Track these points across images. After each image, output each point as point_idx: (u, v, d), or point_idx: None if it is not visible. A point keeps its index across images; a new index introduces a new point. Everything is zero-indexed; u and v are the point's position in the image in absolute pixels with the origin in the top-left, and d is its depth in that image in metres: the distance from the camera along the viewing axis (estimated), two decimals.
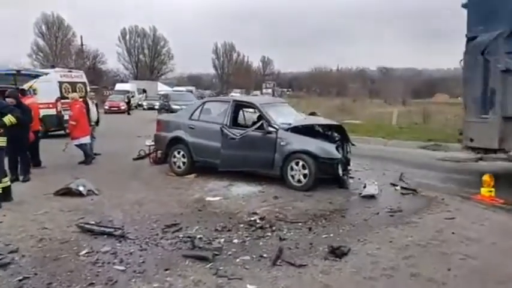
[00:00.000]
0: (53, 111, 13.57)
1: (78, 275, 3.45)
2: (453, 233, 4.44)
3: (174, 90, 44.19)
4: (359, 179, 7.05)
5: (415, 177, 7.30)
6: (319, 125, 7.06)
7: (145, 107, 34.80)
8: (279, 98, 9.90)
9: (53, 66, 16.27)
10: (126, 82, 46.65)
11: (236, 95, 24.13)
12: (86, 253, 3.93)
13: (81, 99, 9.95)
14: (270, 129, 6.50)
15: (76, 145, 8.87)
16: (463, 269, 3.56)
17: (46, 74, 11.06)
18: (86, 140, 8.84)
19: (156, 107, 33.46)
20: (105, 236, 4.36)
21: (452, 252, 3.92)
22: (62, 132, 14.33)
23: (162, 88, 47.95)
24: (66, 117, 13.76)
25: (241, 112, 8.25)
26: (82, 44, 52.44)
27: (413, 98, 44.42)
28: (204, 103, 7.72)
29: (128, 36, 67.35)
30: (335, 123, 7.07)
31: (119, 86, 37.75)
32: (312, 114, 7.56)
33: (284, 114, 7.16)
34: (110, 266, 3.66)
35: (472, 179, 7.13)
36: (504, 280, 3.40)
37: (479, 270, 3.57)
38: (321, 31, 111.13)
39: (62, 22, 54.25)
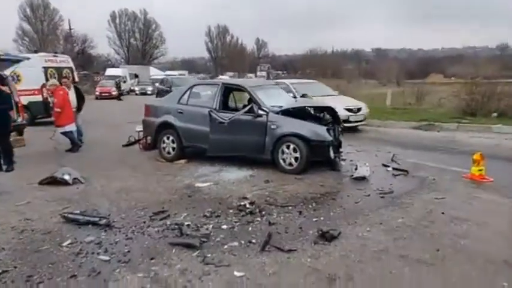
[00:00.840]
0: (38, 98, 13.23)
1: (60, 266, 3.36)
2: (443, 213, 4.41)
3: (166, 75, 43.76)
4: (351, 160, 6.98)
5: (407, 158, 7.27)
6: (311, 107, 6.94)
7: (137, 92, 34.38)
8: (270, 80, 9.74)
9: (36, 51, 15.90)
10: (117, 67, 45.86)
11: (225, 77, 23.51)
12: (69, 244, 3.82)
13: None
14: (260, 112, 6.37)
15: (62, 133, 8.65)
16: (451, 249, 3.53)
17: (28, 58, 10.68)
18: (71, 127, 8.64)
19: (149, 92, 33.29)
20: (90, 225, 4.24)
21: (441, 233, 3.88)
22: (50, 119, 14.15)
23: (154, 73, 47.28)
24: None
25: (231, 96, 8.11)
26: (70, 28, 51.44)
27: (408, 78, 44.16)
28: (192, 87, 7.54)
29: (118, 20, 66.14)
30: (326, 105, 6.95)
31: (109, 71, 37.05)
32: (303, 96, 7.42)
33: (275, 97, 7.03)
34: (93, 256, 3.56)
35: (463, 157, 7.09)
36: (492, 259, 3.36)
37: (468, 250, 3.54)
38: (316, 13, 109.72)
39: (47, 5, 52.90)
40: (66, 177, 5.98)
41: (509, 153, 7.66)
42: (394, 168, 6.37)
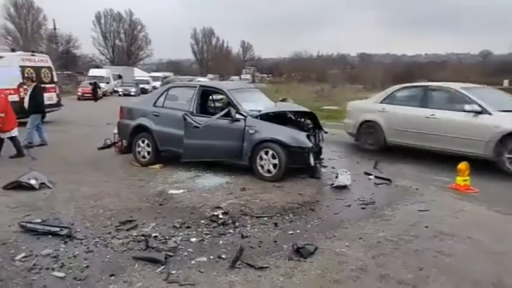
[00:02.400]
0: (15, 98, 12.69)
1: (7, 284, 3.03)
2: (426, 226, 4.20)
3: (150, 76, 43.19)
4: (332, 167, 6.76)
5: (390, 165, 7.09)
6: (291, 112, 6.70)
7: (120, 93, 33.71)
8: (249, 84, 9.50)
9: (13, 50, 15.29)
10: (101, 67, 45.03)
11: (204, 80, 22.79)
12: (23, 257, 3.49)
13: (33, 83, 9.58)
14: (238, 116, 6.09)
15: (8, 138, 8.00)
16: (435, 268, 3.30)
17: (1, 57, 10.20)
18: (15, 132, 8.08)
19: (132, 93, 32.64)
20: (50, 236, 3.93)
21: (424, 249, 3.67)
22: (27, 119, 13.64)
23: (139, 74, 46.67)
24: None
25: (210, 99, 7.83)
26: (55, 28, 50.39)
27: (392, 83, 44.53)
28: (168, 89, 7.23)
29: (103, 20, 65.22)
30: (306, 110, 6.72)
31: (92, 72, 36.23)
32: (283, 100, 7.19)
33: (254, 101, 6.77)
34: (47, 272, 3.25)
35: (448, 165, 6.93)
36: (479, 279, 3.16)
37: (453, 268, 3.32)
38: (302, 17, 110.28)
39: (31, 4, 51.79)
40: (33, 181, 5.62)
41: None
42: (376, 177, 6.17)
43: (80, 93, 27.91)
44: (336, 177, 5.69)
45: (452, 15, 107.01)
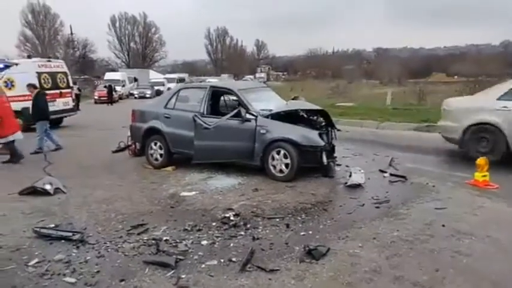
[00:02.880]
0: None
1: None
2: (443, 225, 4.05)
3: (165, 78, 43.59)
4: (346, 166, 6.63)
5: (406, 162, 6.91)
6: (303, 110, 6.60)
7: (136, 95, 34.17)
8: (260, 83, 9.48)
9: (29, 56, 15.63)
10: (116, 71, 45.74)
11: (213, 80, 22.60)
12: (36, 263, 3.53)
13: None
14: (248, 116, 6.04)
15: (4, 143, 8.11)
16: (452, 269, 3.17)
17: (16, 64, 10.43)
18: (16, 136, 8.11)
19: (148, 95, 33.01)
20: (63, 241, 3.96)
21: (441, 249, 3.53)
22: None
23: (154, 76, 47.19)
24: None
25: (222, 99, 7.80)
26: (71, 33, 51.50)
27: (409, 77, 43.86)
28: (179, 90, 7.24)
29: (118, 24, 66.39)
30: (318, 107, 6.61)
31: (108, 75, 36.90)
32: (295, 98, 7.09)
33: (265, 100, 6.70)
34: (59, 278, 3.26)
35: (466, 161, 6.72)
36: (498, 280, 3.02)
37: (471, 269, 3.19)
38: (317, 13, 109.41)
39: (48, 11, 53.13)
40: (48, 187, 5.71)
41: None
42: (391, 174, 6.02)
43: (96, 97, 28.44)
44: (350, 175, 5.58)
45: (472, 5, 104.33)
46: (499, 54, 53.20)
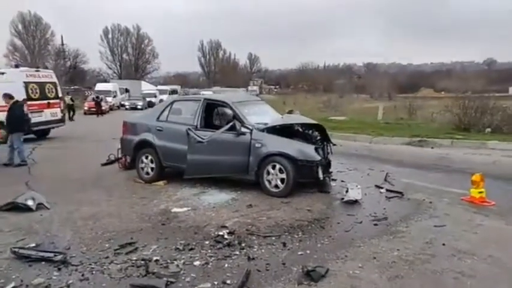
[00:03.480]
0: None
1: None
2: (443, 244, 3.94)
3: (157, 89, 43.38)
4: (342, 181, 6.52)
5: (401, 177, 6.83)
6: (298, 124, 6.49)
7: (127, 107, 33.89)
8: (255, 96, 9.42)
9: (16, 66, 15.34)
10: (108, 82, 45.44)
11: (207, 93, 22.28)
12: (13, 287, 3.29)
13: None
14: (243, 130, 5.90)
15: None
16: None
17: (2, 73, 10.17)
18: None
19: (139, 107, 32.73)
20: (43, 262, 3.70)
21: (443, 270, 3.40)
22: (32, 136, 13.62)
23: (146, 87, 46.92)
24: (33, 120, 13.05)
25: (216, 112, 7.65)
26: (62, 44, 51.12)
27: (399, 92, 44.38)
28: (172, 102, 7.08)
29: (110, 35, 66.14)
30: (314, 122, 6.51)
31: (99, 86, 36.53)
32: (290, 112, 6.99)
33: (260, 113, 6.58)
34: None
35: (460, 177, 6.67)
36: None
37: None
38: (309, 28, 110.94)
39: (39, 21, 52.68)
40: (30, 202, 5.42)
41: (509, 171, 7.23)
42: (388, 190, 5.91)
43: (86, 108, 28.07)
44: (346, 191, 5.45)
45: (458, 25, 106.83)
46: (483, 72, 54.42)
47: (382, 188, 6.03)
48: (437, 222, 4.61)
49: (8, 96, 9.36)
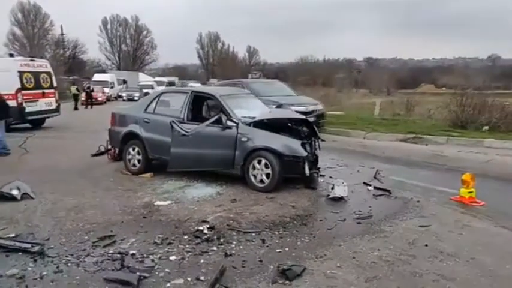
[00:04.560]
0: (13, 103, 12.60)
1: None
2: (426, 245, 3.86)
3: (155, 81, 43.16)
4: (330, 177, 6.44)
5: (391, 174, 6.75)
6: (288, 119, 6.40)
7: (124, 98, 33.72)
8: (244, 89, 9.39)
9: (11, 55, 15.22)
10: (106, 72, 45.21)
11: (196, 85, 21.73)
12: None
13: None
14: (229, 123, 5.81)
15: None
16: None
17: None
18: None
19: (136, 98, 32.57)
20: (20, 253, 3.66)
21: (423, 272, 3.33)
22: (28, 125, 13.56)
23: (144, 79, 46.70)
24: (28, 109, 12.98)
25: (205, 105, 7.57)
26: (62, 34, 50.86)
27: (399, 88, 44.18)
28: (160, 94, 6.99)
29: (109, 26, 65.78)
30: (301, 116, 6.41)
31: (97, 77, 36.34)
32: (279, 106, 6.89)
33: (248, 107, 6.48)
34: None
35: (451, 175, 6.60)
36: None
37: None
38: (309, 21, 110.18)
39: (38, 10, 52.19)
40: (14, 192, 5.38)
41: (502, 171, 7.14)
42: (375, 187, 5.84)
43: (83, 98, 27.87)
44: (332, 188, 5.37)
45: (462, 20, 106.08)
46: (486, 68, 54.13)
47: (370, 185, 5.96)
48: (422, 222, 4.53)
49: None
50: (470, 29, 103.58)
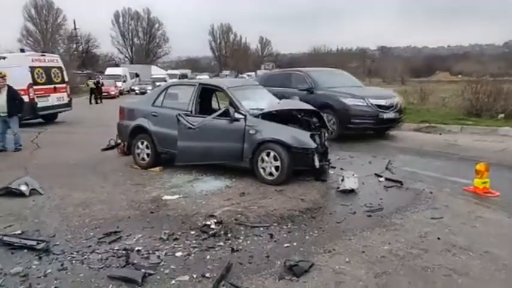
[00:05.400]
0: (25, 99, 12.75)
1: None
2: (438, 238, 3.73)
3: (167, 74, 43.30)
4: (341, 168, 6.31)
5: (403, 165, 6.59)
6: (297, 110, 6.27)
7: (137, 91, 33.95)
8: (252, 80, 9.22)
9: (22, 50, 15.36)
10: (118, 66, 45.53)
11: (204, 77, 21.42)
12: None
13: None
14: (237, 115, 5.72)
15: None
16: None
17: (4, 57, 10.14)
18: None
19: (149, 91, 32.73)
20: (26, 250, 3.66)
21: (435, 266, 3.21)
22: (40, 120, 13.72)
23: (156, 72, 46.89)
24: (40, 104, 13.12)
25: (214, 97, 7.49)
26: (75, 28, 51.38)
27: (413, 76, 43.34)
28: (168, 87, 6.94)
29: (121, 19, 66.16)
30: (311, 107, 6.27)
31: (109, 71, 36.71)
32: (288, 97, 6.76)
33: (256, 99, 6.37)
34: None
35: (465, 165, 6.40)
36: None
37: None
38: (321, 11, 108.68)
39: (51, 5, 52.82)
40: (23, 188, 5.42)
41: None
42: (386, 179, 5.69)
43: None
44: (342, 180, 5.25)
45: (477, 6, 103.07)
46: (503, 54, 52.59)
47: (381, 176, 5.82)
48: (435, 214, 4.39)
49: None
50: (485, 15, 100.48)
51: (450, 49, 73.50)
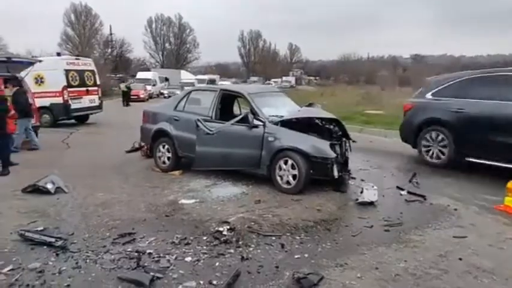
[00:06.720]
0: (59, 100, 13.33)
1: None
2: (460, 259, 3.54)
3: (196, 79, 43.97)
4: (362, 180, 6.15)
5: (429, 179, 6.33)
6: (318, 119, 6.17)
7: (166, 95, 34.63)
8: (273, 87, 9.11)
9: (58, 54, 16.02)
10: (149, 70, 46.77)
11: (226, 83, 21.53)
12: (9, 270, 3.34)
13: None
14: (256, 122, 5.69)
15: None
16: None
17: (40, 61, 10.61)
18: None
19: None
20: (45, 247, 3.78)
21: None
22: (73, 121, 14.25)
23: (185, 76, 47.73)
24: (73, 106, 13.63)
25: (236, 103, 7.51)
26: (111, 33, 53.26)
27: None
28: (190, 92, 7.02)
29: (154, 25, 67.93)
30: (331, 116, 6.15)
31: (140, 75, 37.76)
32: (310, 105, 6.66)
33: (277, 106, 6.33)
34: None
35: (498, 181, 6.06)
36: None
37: None
38: (353, 18, 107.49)
39: (89, 11, 55.00)
40: (49, 186, 5.64)
41: None
42: (409, 192, 5.49)
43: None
44: (361, 192, 5.11)
45: None
46: None
47: (403, 189, 5.61)
48: (458, 232, 4.17)
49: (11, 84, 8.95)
50: None
51: (489, 58, 70.81)
